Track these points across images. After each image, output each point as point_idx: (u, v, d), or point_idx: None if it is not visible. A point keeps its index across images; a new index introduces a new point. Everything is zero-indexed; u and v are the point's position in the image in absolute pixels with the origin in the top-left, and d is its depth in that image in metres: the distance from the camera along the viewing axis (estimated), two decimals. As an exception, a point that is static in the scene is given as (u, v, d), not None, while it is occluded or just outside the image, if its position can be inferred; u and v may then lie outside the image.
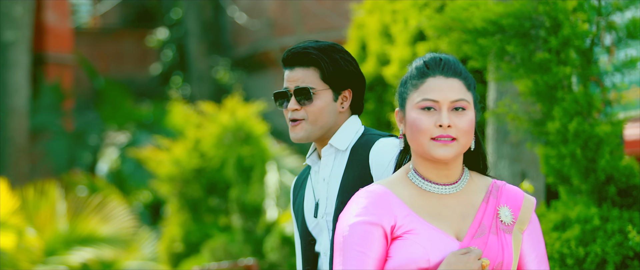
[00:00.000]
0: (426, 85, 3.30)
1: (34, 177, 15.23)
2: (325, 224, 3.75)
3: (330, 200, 3.75)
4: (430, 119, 3.26)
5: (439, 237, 3.23)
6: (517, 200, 3.37)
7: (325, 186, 3.77)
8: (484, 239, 3.26)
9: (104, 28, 24.85)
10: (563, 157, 5.34)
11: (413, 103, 3.30)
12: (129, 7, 25.17)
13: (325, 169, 3.79)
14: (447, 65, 3.32)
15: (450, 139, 3.26)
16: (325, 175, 3.78)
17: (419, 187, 3.33)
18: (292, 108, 3.77)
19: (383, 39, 9.59)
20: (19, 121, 16.62)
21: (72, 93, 18.98)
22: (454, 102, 3.28)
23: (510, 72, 5.51)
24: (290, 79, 3.77)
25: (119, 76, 23.03)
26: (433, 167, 3.31)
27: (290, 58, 3.78)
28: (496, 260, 3.25)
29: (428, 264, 3.19)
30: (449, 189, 3.32)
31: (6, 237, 10.40)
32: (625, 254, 5.06)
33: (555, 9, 5.35)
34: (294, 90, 3.76)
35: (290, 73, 3.78)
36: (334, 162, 3.79)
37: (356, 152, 3.78)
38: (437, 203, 3.31)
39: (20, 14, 16.54)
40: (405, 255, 3.20)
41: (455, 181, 3.34)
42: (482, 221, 3.29)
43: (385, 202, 3.27)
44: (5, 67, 16.51)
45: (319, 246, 3.76)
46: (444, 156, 3.25)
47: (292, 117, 3.78)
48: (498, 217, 3.31)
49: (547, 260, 3.40)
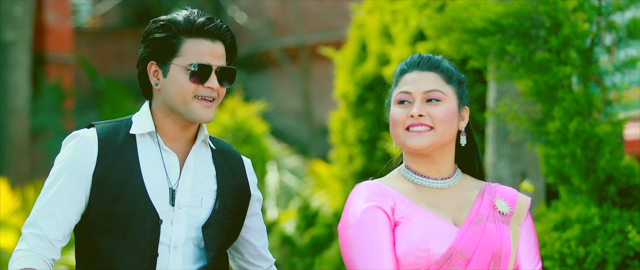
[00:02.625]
0: (402, 81, 3.41)
1: (34, 177, 15.23)
2: (183, 214, 3.51)
3: (195, 192, 3.54)
4: (403, 110, 3.35)
5: (437, 223, 3.28)
6: (512, 195, 3.44)
7: (189, 176, 3.55)
8: (481, 225, 3.31)
9: (104, 28, 24.85)
10: (563, 157, 5.34)
11: (392, 100, 3.42)
12: (129, 7, 25.17)
13: (191, 159, 3.57)
14: (423, 61, 3.42)
15: (426, 128, 3.33)
16: (189, 164, 3.56)
17: (412, 182, 3.38)
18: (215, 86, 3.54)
19: (383, 39, 9.59)
20: (19, 121, 16.62)
21: (72, 93, 18.98)
22: (427, 93, 3.36)
23: (510, 72, 5.51)
24: (214, 53, 3.53)
25: (119, 76, 23.02)
26: (423, 161, 3.38)
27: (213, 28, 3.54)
28: (495, 246, 3.30)
29: (428, 246, 3.23)
30: (441, 184, 3.38)
31: (6, 237, 10.40)
32: (626, 253, 5.07)
33: (556, 9, 5.35)
34: (218, 68, 3.54)
35: (212, 45, 3.53)
36: (200, 155, 3.62)
37: (225, 158, 3.66)
38: (432, 196, 3.37)
39: (20, 14, 16.54)
40: (407, 241, 3.25)
41: (448, 176, 3.40)
42: (479, 210, 3.34)
43: (383, 190, 3.34)
44: (6, 67, 16.51)
45: (165, 236, 3.49)
46: (418, 145, 3.32)
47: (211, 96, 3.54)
48: (495, 208, 3.37)
49: (540, 257, 3.45)
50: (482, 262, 3.27)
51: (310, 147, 18.52)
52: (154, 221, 3.47)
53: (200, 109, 3.50)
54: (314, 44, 19.55)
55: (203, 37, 3.52)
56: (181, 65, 3.50)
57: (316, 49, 16.80)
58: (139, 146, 3.54)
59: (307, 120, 19.58)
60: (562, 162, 5.35)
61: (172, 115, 3.55)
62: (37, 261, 3.40)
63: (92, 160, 3.50)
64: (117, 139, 3.54)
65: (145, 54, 3.57)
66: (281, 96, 21.97)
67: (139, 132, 3.53)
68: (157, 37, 3.54)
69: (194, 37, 3.52)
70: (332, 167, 11.54)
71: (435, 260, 3.23)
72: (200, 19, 3.53)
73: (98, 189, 3.48)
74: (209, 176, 3.60)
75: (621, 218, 5.21)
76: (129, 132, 3.54)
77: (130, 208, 3.46)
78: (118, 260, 3.46)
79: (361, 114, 10.10)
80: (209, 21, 3.53)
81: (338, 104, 10.64)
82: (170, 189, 3.51)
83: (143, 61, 3.57)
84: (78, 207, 3.48)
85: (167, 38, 3.53)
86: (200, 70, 3.49)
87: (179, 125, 3.56)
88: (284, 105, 21.61)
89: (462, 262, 3.24)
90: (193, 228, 3.53)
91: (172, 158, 3.55)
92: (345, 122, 10.37)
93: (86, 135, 3.56)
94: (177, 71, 3.50)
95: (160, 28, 3.55)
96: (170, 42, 3.52)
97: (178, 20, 3.54)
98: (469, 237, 3.27)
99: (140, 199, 3.48)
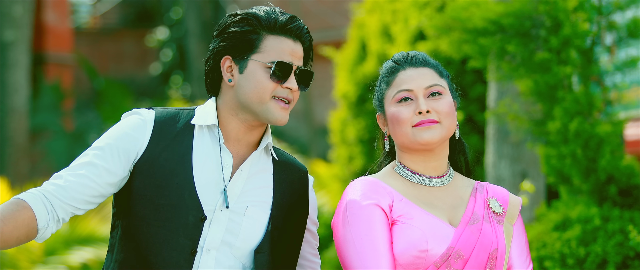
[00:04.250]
0: (398, 79, 3.37)
1: (34, 177, 15.22)
2: (223, 218, 3.34)
3: (242, 198, 3.37)
4: (408, 108, 3.32)
5: (434, 222, 3.26)
6: (503, 195, 3.43)
7: (240, 181, 3.37)
8: (478, 226, 3.30)
9: (104, 28, 24.85)
10: (564, 157, 5.34)
11: (389, 99, 3.36)
12: (129, 7, 25.18)
13: (248, 164, 3.40)
14: (414, 58, 3.40)
15: (433, 122, 3.31)
16: (245, 168, 3.38)
17: (407, 180, 3.37)
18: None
19: (383, 39, 9.58)
20: (19, 121, 16.62)
21: (72, 93, 18.98)
22: (429, 88, 3.34)
23: (510, 71, 5.51)
24: (295, 53, 3.39)
25: (119, 76, 23.04)
26: (421, 159, 3.36)
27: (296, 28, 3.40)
28: (491, 247, 3.29)
29: (427, 246, 3.21)
30: (436, 182, 3.37)
31: (6, 237, 10.38)
32: (626, 254, 5.06)
33: (556, 9, 5.35)
34: (299, 69, 3.41)
35: (294, 45, 3.39)
36: (258, 163, 3.44)
37: (286, 172, 3.48)
38: (428, 194, 3.35)
39: (20, 14, 16.54)
40: (405, 240, 3.22)
41: (443, 174, 3.39)
42: (474, 210, 3.33)
43: (381, 187, 3.31)
44: (5, 67, 16.51)
45: (203, 241, 3.31)
46: (430, 139, 3.30)
47: (289, 97, 3.39)
48: (489, 208, 3.36)
49: (530, 259, 3.46)
50: (479, 263, 3.27)
51: (310, 147, 18.51)
52: (197, 217, 3.29)
53: (277, 109, 3.33)
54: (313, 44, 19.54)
55: (285, 35, 3.35)
56: (261, 62, 3.32)
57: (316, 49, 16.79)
58: (195, 138, 3.37)
59: (307, 120, 19.58)
60: (562, 162, 5.34)
61: (240, 114, 3.37)
62: (37, 200, 3.20)
63: (144, 140, 3.32)
64: (175, 126, 3.37)
65: (220, 47, 3.36)
66: (281, 96, 21.96)
67: (200, 124, 3.36)
68: (236, 30, 3.34)
69: (276, 34, 3.34)
70: (332, 167, 11.53)
71: (434, 261, 3.22)
72: (283, 17, 3.36)
73: (144, 173, 3.30)
74: (264, 187, 3.41)
75: (622, 218, 5.21)
76: (190, 121, 3.37)
77: (175, 199, 3.29)
78: (155, 251, 3.28)
79: (361, 113, 10.09)
80: (292, 20, 3.37)
81: (338, 104, 10.63)
82: (224, 189, 3.33)
83: (216, 55, 3.37)
84: (111, 178, 3.29)
85: (248, 32, 3.34)
86: (281, 68, 3.32)
87: (246, 126, 3.38)
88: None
89: (459, 262, 3.24)
90: (230, 234, 3.33)
91: (227, 158, 3.37)
92: (345, 122, 10.36)
93: (144, 114, 3.38)
94: (256, 67, 3.32)
95: (241, 21, 3.35)
96: (250, 37, 3.34)
97: (260, 15, 3.35)
98: (466, 237, 3.26)
99: (186, 192, 3.30)
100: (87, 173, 3.28)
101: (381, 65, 3.50)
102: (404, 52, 3.43)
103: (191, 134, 3.37)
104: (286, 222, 3.42)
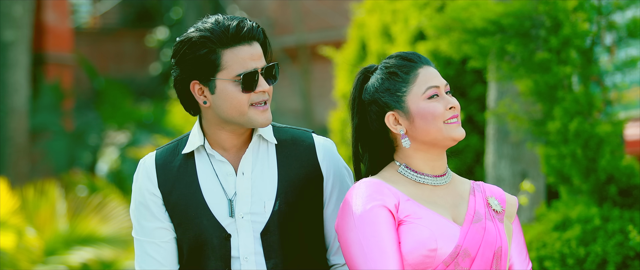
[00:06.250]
0: (422, 76, 3.37)
1: (34, 177, 15.22)
2: (247, 223, 3.41)
3: (256, 197, 3.42)
4: (439, 104, 3.35)
5: (441, 221, 3.28)
6: (500, 194, 3.46)
7: (247, 182, 3.42)
8: (482, 224, 3.32)
9: (104, 28, 24.84)
10: (564, 157, 5.34)
11: (418, 95, 3.35)
12: (129, 7, 25.17)
13: (246, 162, 3.43)
14: (422, 57, 3.43)
15: (457, 118, 3.38)
16: (245, 169, 3.43)
17: (411, 180, 3.37)
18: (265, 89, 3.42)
19: (383, 39, 9.58)
20: (19, 121, 16.61)
21: (72, 93, 18.96)
22: (446, 86, 3.40)
23: (510, 72, 5.51)
24: (254, 56, 3.39)
25: (119, 76, 23.02)
26: (432, 158, 3.37)
27: (247, 31, 3.39)
28: (495, 245, 3.31)
29: (436, 245, 3.23)
30: (439, 181, 3.39)
31: (6, 237, 10.39)
32: (626, 254, 5.06)
33: (556, 9, 5.35)
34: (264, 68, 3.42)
35: (251, 48, 3.38)
36: (258, 156, 3.47)
37: (290, 148, 3.49)
38: (431, 193, 3.36)
39: (20, 14, 16.53)
40: (414, 239, 3.23)
41: (444, 173, 3.41)
42: (475, 209, 3.35)
43: (385, 188, 3.31)
44: (5, 67, 16.50)
45: (234, 249, 3.40)
46: (462, 134, 3.37)
47: (265, 99, 3.44)
48: (490, 206, 3.38)
49: (529, 258, 3.50)
50: (485, 261, 3.28)
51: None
52: (221, 237, 3.38)
53: (258, 115, 3.38)
54: (314, 44, 19.53)
55: (240, 43, 3.35)
56: (227, 79, 3.34)
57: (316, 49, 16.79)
58: (197, 163, 3.44)
59: (307, 120, 19.57)
60: (562, 162, 5.34)
61: (227, 126, 3.42)
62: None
63: (155, 188, 3.44)
64: (175, 161, 3.46)
65: (183, 75, 3.39)
66: (281, 96, 21.97)
67: (189, 150, 3.44)
68: (194, 56, 3.36)
69: (232, 46, 3.35)
70: (332, 167, 11.50)
71: (443, 259, 3.23)
72: (231, 26, 3.36)
73: (170, 215, 3.44)
74: (272, 176, 3.45)
75: (622, 218, 5.21)
76: (182, 152, 3.46)
77: (197, 229, 3.39)
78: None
79: (361, 113, 10.07)
80: (240, 26, 3.36)
81: (338, 104, 10.63)
82: (228, 200, 3.40)
83: (183, 82, 3.41)
84: (172, 233, 3.46)
85: (206, 54, 3.34)
86: (248, 78, 3.34)
87: (235, 134, 3.43)
88: (284, 105, 21.61)
89: (467, 261, 3.25)
90: (259, 235, 3.41)
91: (226, 167, 3.42)
92: (345, 122, 10.36)
93: (145, 163, 3.48)
94: (224, 85, 3.35)
95: (194, 46, 3.36)
96: (209, 58, 3.34)
97: (210, 35, 3.35)
98: (472, 235, 3.28)
99: (204, 217, 3.39)
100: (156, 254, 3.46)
101: (381, 65, 3.49)
102: (401, 53, 3.43)
103: (193, 160, 3.45)
104: (299, 199, 3.44)
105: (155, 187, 3.44)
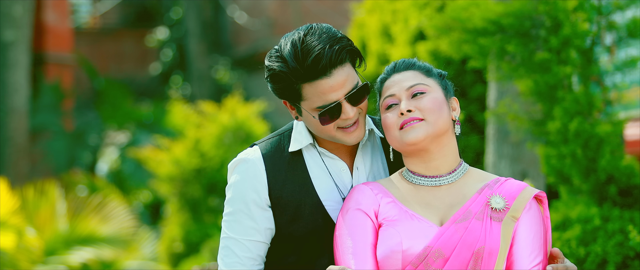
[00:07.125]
0: (384, 87, 3.42)
1: (34, 177, 15.23)
2: None
3: None
4: (393, 113, 3.35)
5: (417, 224, 3.29)
6: (513, 191, 3.35)
7: (363, 177, 3.47)
8: (465, 224, 3.28)
9: (104, 28, 24.84)
10: (563, 157, 5.34)
11: (382, 107, 3.41)
12: (129, 7, 25.16)
13: (360, 158, 3.47)
14: (399, 64, 3.44)
15: (417, 120, 3.32)
16: (359, 165, 3.46)
17: (411, 183, 3.39)
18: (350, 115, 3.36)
19: (383, 39, 9.58)
20: (19, 121, 16.61)
21: (72, 93, 18.97)
22: (410, 89, 3.36)
23: (510, 71, 5.51)
24: (334, 87, 3.31)
25: (119, 76, 23.02)
26: (419, 160, 3.37)
27: (325, 64, 3.29)
28: (476, 245, 3.25)
29: (401, 247, 3.25)
30: (438, 181, 3.37)
31: (6, 237, 10.39)
32: (626, 254, 5.06)
33: (556, 9, 5.35)
34: (346, 96, 3.35)
35: (330, 80, 3.30)
36: (369, 150, 3.51)
37: (384, 140, 3.54)
38: (428, 194, 3.36)
39: (20, 14, 16.53)
40: (384, 244, 3.28)
41: (448, 172, 3.38)
42: (469, 207, 3.31)
43: (373, 192, 3.37)
44: (5, 67, 16.51)
45: None
46: (415, 138, 3.31)
47: (351, 123, 3.38)
48: (488, 205, 3.31)
49: (543, 252, 3.33)
50: (461, 262, 3.24)
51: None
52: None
53: (345, 137, 3.36)
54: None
55: (317, 78, 3.28)
56: (310, 109, 3.33)
57: (316, 49, 16.75)
58: (306, 160, 3.44)
59: (307, 120, 19.58)
60: (562, 162, 5.34)
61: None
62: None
63: (263, 183, 3.40)
64: (283, 155, 3.43)
65: (276, 93, 3.40)
66: (281, 96, 21.96)
67: (297, 148, 3.42)
68: (277, 86, 3.35)
69: (309, 81, 3.29)
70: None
71: (410, 260, 3.24)
72: (308, 60, 3.26)
73: (277, 211, 3.40)
74: (384, 168, 3.50)
75: (622, 218, 5.20)
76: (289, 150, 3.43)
77: (310, 227, 3.38)
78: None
79: (361, 113, 10.09)
80: (318, 57, 3.26)
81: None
82: (343, 197, 3.42)
83: (277, 96, 3.43)
84: (266, 234, 3.42)
85: (286, 87, 3.32)
86: (328, 112, 3.31)
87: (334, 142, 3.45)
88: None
89: (439, 261, 3.24)
90: None
91: (339, 164, 3.44)
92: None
93: (250, 158, 3.42)
94: (308, 113, 3.35)
95: (275, 77, 3.33)
96: (290, 89, 3.32)
97: (286, 70, 3.29)
98: (449, 236, 3.25)
99: (319, 216, 3.39)
100: (243, 252, 3.43)
101: (381, 65, 3.52)
102: (394, 61, 3.47)
103: (301, 156, 3.44)
104: None
105: (262, 185, 3.40)
